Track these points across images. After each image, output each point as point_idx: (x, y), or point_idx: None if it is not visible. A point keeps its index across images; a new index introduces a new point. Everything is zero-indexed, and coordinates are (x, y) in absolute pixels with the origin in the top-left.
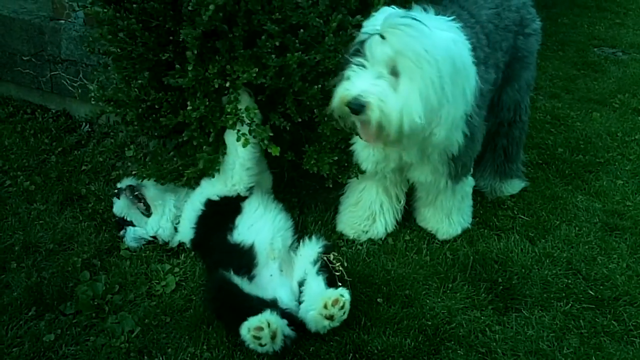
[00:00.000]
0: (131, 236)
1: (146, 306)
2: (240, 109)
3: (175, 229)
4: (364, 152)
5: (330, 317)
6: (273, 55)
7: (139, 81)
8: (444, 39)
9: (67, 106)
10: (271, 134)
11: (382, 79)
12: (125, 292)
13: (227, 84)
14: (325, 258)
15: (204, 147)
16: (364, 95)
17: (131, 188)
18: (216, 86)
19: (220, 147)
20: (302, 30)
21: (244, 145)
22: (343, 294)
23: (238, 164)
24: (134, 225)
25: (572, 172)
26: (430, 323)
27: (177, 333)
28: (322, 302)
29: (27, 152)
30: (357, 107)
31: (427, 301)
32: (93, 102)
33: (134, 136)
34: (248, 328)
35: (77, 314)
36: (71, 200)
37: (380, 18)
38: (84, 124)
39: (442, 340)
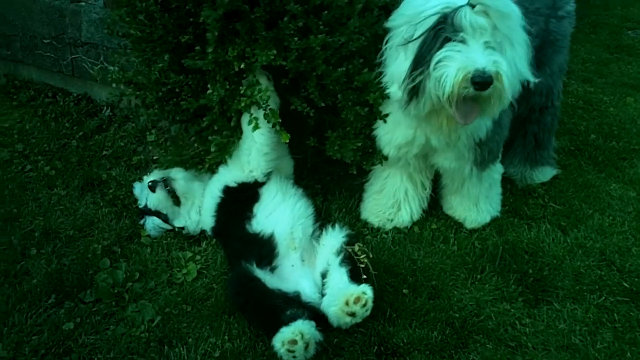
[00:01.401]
0: (151, 225)
1: (167, 294)
2: (255, 93)
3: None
4: (386, 136)
5: (352, 314)
6: (296, 38)
7: (159, 64)
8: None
9: (88, 90)
10: (279, 120)
11: (491, 49)
12: (146, 280)
13: (243, 66)
14: (350, 250)
15: (224, 132)
16: (489, 68)
17: (164, 181)
18: (236, 69)
19: (237, 132)
20: (325, 11)
21: (254, 130)
22: (365, 291)
23: (255, 150)
24: (166, 219)
25: (605, 159)
26: (457, 315)
27: (198, 322)
28: (344, 299)
29: (47, 136)
30: (487, 79)
31: (455, 292)
32: (114, 85)
33: (156, 120)
34: (282, 342)
35: (97, 302)
36: (92, 186)
37: None
38: (105, 107)
39: (470, 334)
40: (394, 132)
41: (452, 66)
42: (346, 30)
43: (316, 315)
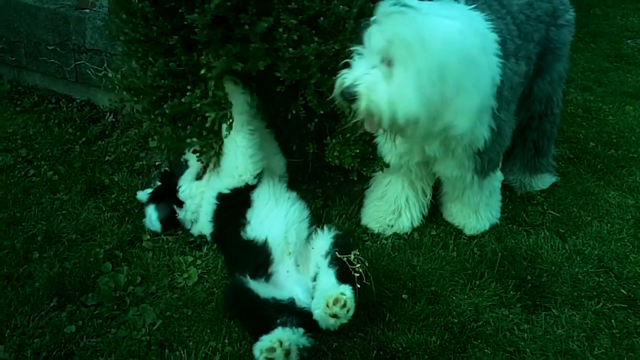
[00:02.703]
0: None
1: (168, 298)
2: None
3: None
4: (388, 144)
5: (335, 316)
6: (290, 49)
7: (155, 69)
8: (446, 27)
9: (91, 96)
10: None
11: (376, 68)
12: (147, 284)
13: (203, 72)
14: (345, 258)
15: (202, 135)
16: (355, 84)
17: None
18: (201, 76)
19: (217, 136)
20: (322, 18)
21: (227, 130)
22: (344, 291)
23: (240, 154)
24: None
25: (604, 167)
26: (456, 320)
27: (198, 326)
28: (324, 302)
29: (51, 141)
30: (349, 95)
31: (454, 298)
32: (117, 91)
33: (159, 126)
34: (260, 350)
35: (98, 305)
36: (94, 191)
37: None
38: (108, 114)
39: (468, 339)
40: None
41: (338, 77)
42: (340, 37)
43: (310, 320)
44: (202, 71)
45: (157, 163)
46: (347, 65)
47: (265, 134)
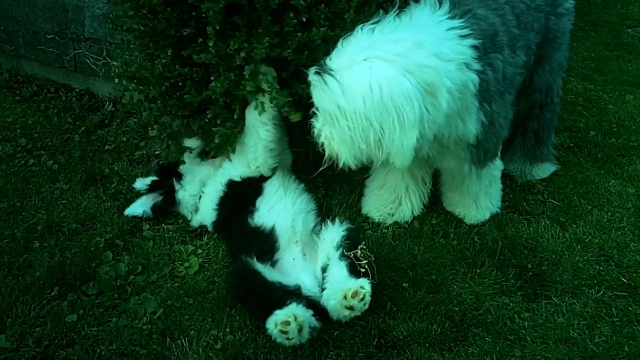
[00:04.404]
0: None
1: (169, 287)
2: (259, 80)
3: (196, 208)
4: None
5: (351, 308)
6: (299, 33)
7: (163, 59)
8: (363, 83)
9: (90, 85)
10: (290, 99)
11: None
12: (148, 273)
13: (243, 56)
14: (352, 254)
15: (227, 123)
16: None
17: None
18: (238, 62)
19: (240, 123)
20: (322, 5)
21: (260, 114)
22: (363, 285)
23: (261, 146)
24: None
25: (604, 155)
26: (457, 309)
27: (199, 315)
28: (342, 294)
29: (50, 131)
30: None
31: (454, 286)
32: (116, 81)
33: (158, 116)
34: (275, 323)
35: (99, 294)
36: (94, 180)
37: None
38: (107, 103)
39: (469, 327)
40: None
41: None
42: (342, 24)
43: (316, 308)
44: (242, 55)
45: (157, 152)
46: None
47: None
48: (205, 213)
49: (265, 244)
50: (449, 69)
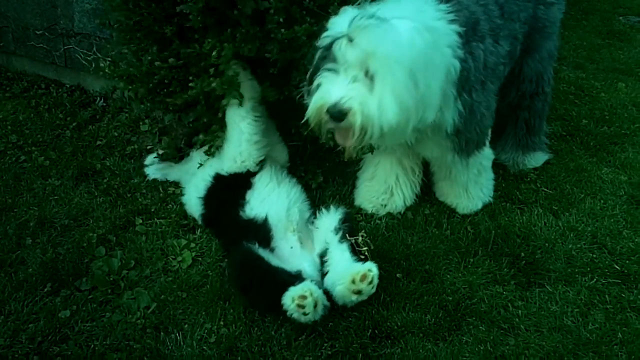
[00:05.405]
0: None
1: (162, 282)
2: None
3: None
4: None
5: (358, 292)
6: (282, 29)
7: (149, 57)
8: (409, 32)
9: (81, 80)
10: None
11: (357, 82)
12: (141, 268)
13: (214, 55)
14: (353, 241)
15: (211, 127)
16: (344, 101)
17: None
18: (212, 61)
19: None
20: None
21: (241, 104)
22: (371, 268)
23: (244, 140)
24: None
25: (596, 143)
26: (450, 298)
27: (193, 309)
28: (350, 278)
29: (41, 127)
30: (338, 114)
31: (448, 276)
32: (107, 78)
33: (149, 110)
34: (292, 297)
35: (92, 290)
36: (86, 176)
37: (345, 19)
38: (98, 98)
39: (463, 316)
40: None
41: (315, 95)
42: (328, 17)
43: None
44: (214, 54)
45: (148, 147)
46: (305, 84)
47: (268, 122)
48: (189, 199)
49: (259, 234)
50: (445, 44)
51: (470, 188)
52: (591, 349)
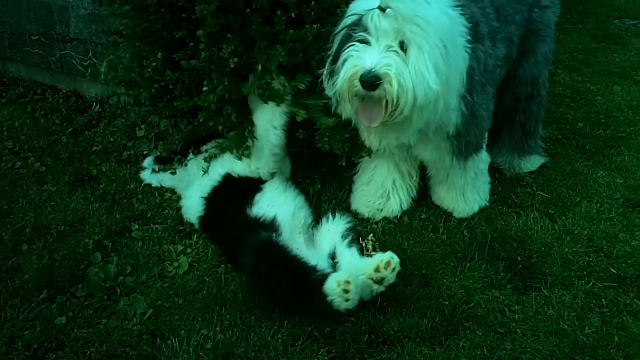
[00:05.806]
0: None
1: (159, 288)
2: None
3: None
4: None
5: (381, 281)
6: (291, 30)
7: (153, 63)
8: (437, 6)
9: (77, 86)
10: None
11: (392, 52)
12: (138, 274)
13: (260, 67)
14: (363, 244)
15: (230, 133)
16: (379, 68)
17: None
18: (232, 66)
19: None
20: (313, 2)
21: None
22: (393, 256)
23: (267, 149)
24: None
25: (592, 147)
26: (447, 303)
27: (190, 315)
28: (374, 266)
29: (37, 133)
30: (373, 80)
31: (445, 281)
32: (103, 83)
33: (145, 116)
34: (338, 282)
35: (89, 296)
36: (82, 182)
37: None
38: (94, 104)
39: (460, 321)
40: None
41: (347, 65)
42: (333, 20)
43: None
44: (260, 61)
45: (145, 152)
46: (330, 60)
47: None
48: (191, 200)
49: (268, 232)
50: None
51: (467, 192)
52: (588, 353)
